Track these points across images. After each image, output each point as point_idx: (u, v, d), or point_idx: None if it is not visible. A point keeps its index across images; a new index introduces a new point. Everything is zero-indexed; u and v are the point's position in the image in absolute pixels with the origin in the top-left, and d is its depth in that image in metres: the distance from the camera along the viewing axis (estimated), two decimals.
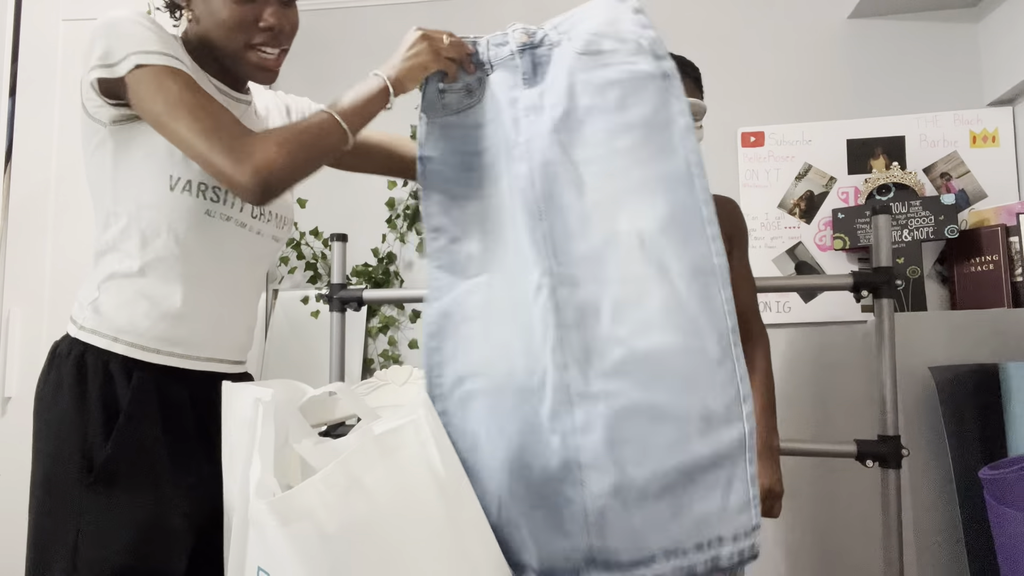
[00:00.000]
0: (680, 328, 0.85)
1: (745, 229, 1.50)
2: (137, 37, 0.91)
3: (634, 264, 0.87)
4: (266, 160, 0.85)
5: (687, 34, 2.31)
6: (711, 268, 0.87)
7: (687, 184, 0.91)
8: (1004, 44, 2.00)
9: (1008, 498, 1.38)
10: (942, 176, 2.11)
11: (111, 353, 0.94)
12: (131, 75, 0.89)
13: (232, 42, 0.98)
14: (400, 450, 0.71)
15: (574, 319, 0.87)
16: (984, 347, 1.72)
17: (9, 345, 2.03)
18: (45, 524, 0.93)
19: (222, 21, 0.96)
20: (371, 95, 0.96)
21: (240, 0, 0.96)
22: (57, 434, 0.93)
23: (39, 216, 2.05)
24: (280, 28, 0.99)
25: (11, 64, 2.09)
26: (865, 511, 2.09)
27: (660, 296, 0.86)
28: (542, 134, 0.93)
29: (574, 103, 0.93)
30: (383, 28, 2.48)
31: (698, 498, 0.81)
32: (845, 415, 2.13)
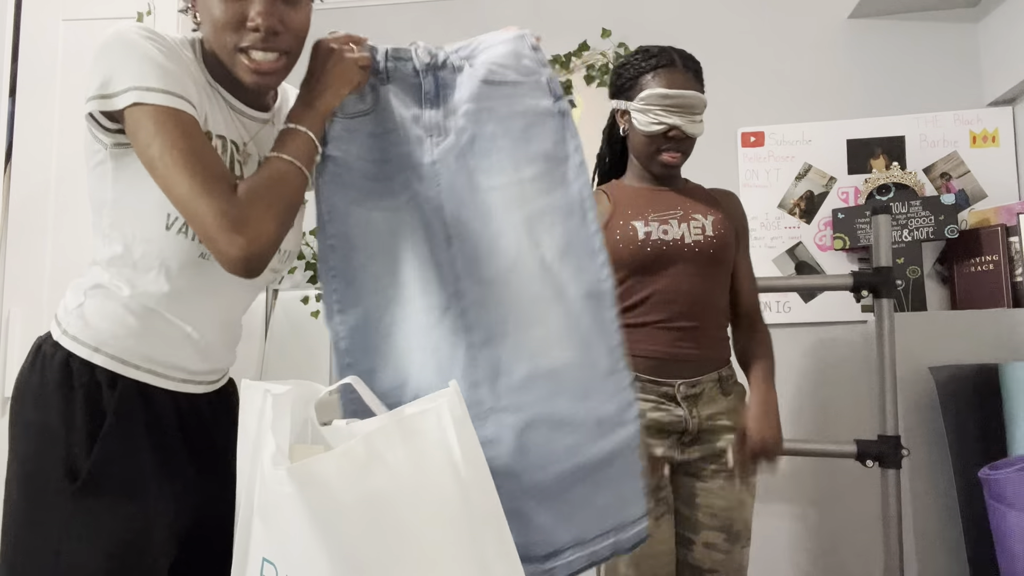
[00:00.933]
0: (576, 345, 0.95)
1: (747, 224, 1.50)
2: (138, 67, 0.84)
3: (536, 287, 0.95)
4: (259, 232, 0.82)
5: (687, 34, 2.31)
6: (601, 292, 0.97)
7: (580, 215, 0.99)
8: (1004, 44, 2.00)
9: (1008, 498, 1.38)
10: (942, 176, 2.11)
11: (92, 363, 0.92)
12: (129, 111, 0.84)
13: (222, 45, 0.89)
14: (422, 434, 0.72)
15: (482, 339, 0.94)
16: (984, 347, 1.72)
17: (9, 345, 2.03)
18: (24, 530, 0.89)
19: (214, 21, 0.87)
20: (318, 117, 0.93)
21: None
22: (39, 438, 0.90)
23: (39, 216, 2.05)
24: (270, 28, 0.87)
25: (11, 64, 2.09)
26: (865, 511, 2.09)
27: (559, 316, 0.95)
28: (450, 158, 0.97)
29: (481, 129, 0.98)
30: (383, 28, 2.48)
31: (598, 493, 0.92)
32: (845, 415, 2.13)
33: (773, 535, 2.12)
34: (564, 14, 2.40)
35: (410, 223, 0.97)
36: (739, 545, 1.34)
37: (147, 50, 0.84)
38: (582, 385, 0.95)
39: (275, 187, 0.87)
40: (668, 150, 1.35)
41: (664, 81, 1.34)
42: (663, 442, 1.32)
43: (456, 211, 0.96)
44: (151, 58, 0.84)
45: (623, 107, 1.41)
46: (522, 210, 0.96)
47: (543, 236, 0.96)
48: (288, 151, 0.89)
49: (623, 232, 1.34)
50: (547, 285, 0.95)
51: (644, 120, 1.35)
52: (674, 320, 1.32)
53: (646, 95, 1.34)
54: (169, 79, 0.84)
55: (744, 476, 1.33)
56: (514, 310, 0.95)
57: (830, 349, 2.15)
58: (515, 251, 0.96)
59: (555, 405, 0.94)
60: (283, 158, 0.88)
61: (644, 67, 1.38)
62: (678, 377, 1.32)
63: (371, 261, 0.98)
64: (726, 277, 1.41)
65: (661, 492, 1.32)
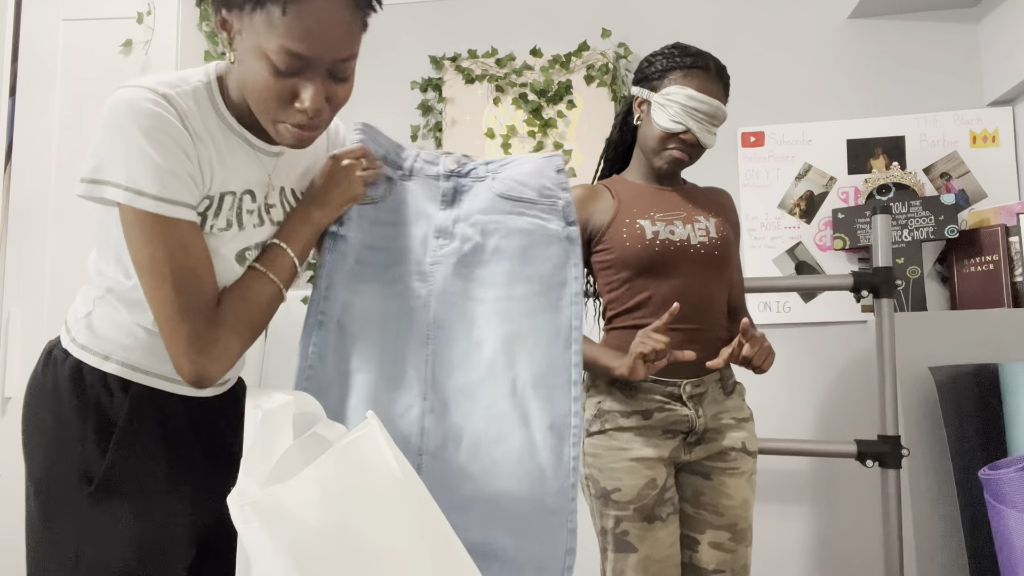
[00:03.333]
0: (528, 477, 0.92)
1: (739, 220, 1.52)
2: (129, 164, 0.80)
3: (502, 406, 0.94)
4: (222, 355, 0.86)
5: (687, 34, 2.31)
6: (567, 426, 0.94)
7: (566, 344, 0.97)
8: (1004, 44, 2.01)
9: (1008, 498, 1.38)
10: (942, 176, 2.11)
11: (102, 371, 0.93)
12: (122, 208, 0.82)
13: (262, 111, 0.85)
14: (364, 455, 0.73)
15: (435, 447, 0.93)
16: (984, 347, 1.72)
17: (9, 345, 2.03)
18: (45, 534, 0.91)
19: (257, 88, 0.82)
20: (306, 237, 0.96)
21: (277, 74, 0.81)
22: (53, 441, 0.91)
23: (39, 216, 2.05)
24: (318, 111, 0.84)
25: (11, 64, 2.09)
26: (865, 511, 2.09)
27: (518, 442, 0.93)
28: (449, 262, 0.98)
29: (486, 240, 0.99)
30: (383, 28, 2.48)
31: None
32: (845, 415, 2.13)
33: (773, 535, 2.12)
34: (564, 14, 2.40)
35: (396, 315, 0.97)
36: (744, 544, 1.34)
37: (142, 146, 0.80)
38: (523, 520, 0.92)
39: (249, 308, 0.90)
40: (678, 149, 1.34)
41: (695, 84, 1.32)
42: (670, 442, 1.32)
43: (442, 314, 0.97)
44: (146, 156, 0.80)
45: (644, 96, 1.39)
46: (506, 326, 0.96)
47: (521, 356, 0.95)
48: (273, 269, 0.92)
49: (630, 230, 1.33)
50: (514, 407, 0.94)
51: (663, 116, 1.33)
52: (678, 321, 1.31)
53: (672, 91, 1.32)
54: (164, 182, 0.81)
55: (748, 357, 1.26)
56: (472, 425, 0.94)
57: (830, 349, 2.15)
58: (489, 366, 0.95)
59: (490, 536, 0.91)
60: (267, 276, 0.92)
61: (678, 63, 1.34)
62: (682, 377, 1.32)
63: (353, 347, 0.97)
64: (727, 278, 1.40)
65: (667, 493, 1.32)
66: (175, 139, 0.82)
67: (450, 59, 2.42)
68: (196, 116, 0.87)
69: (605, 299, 1.40)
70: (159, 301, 0.84)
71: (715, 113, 1.33)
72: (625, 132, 1.48)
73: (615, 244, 1.34)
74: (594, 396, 1.37)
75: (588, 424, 1.36)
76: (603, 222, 1.36)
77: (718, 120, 1.34)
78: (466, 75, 2.39)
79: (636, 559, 1.30)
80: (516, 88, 2.38)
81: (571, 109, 2.34)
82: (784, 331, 2.16)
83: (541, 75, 2.35)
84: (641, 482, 1.29)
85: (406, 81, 2.46)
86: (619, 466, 1.30)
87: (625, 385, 1.33)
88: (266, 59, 0.80)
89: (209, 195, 0.89)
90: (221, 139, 0.91)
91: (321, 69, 0.82)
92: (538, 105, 2.34)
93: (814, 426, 2.14)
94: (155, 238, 0.82)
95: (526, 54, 2.39)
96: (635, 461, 1.30)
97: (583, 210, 1.38)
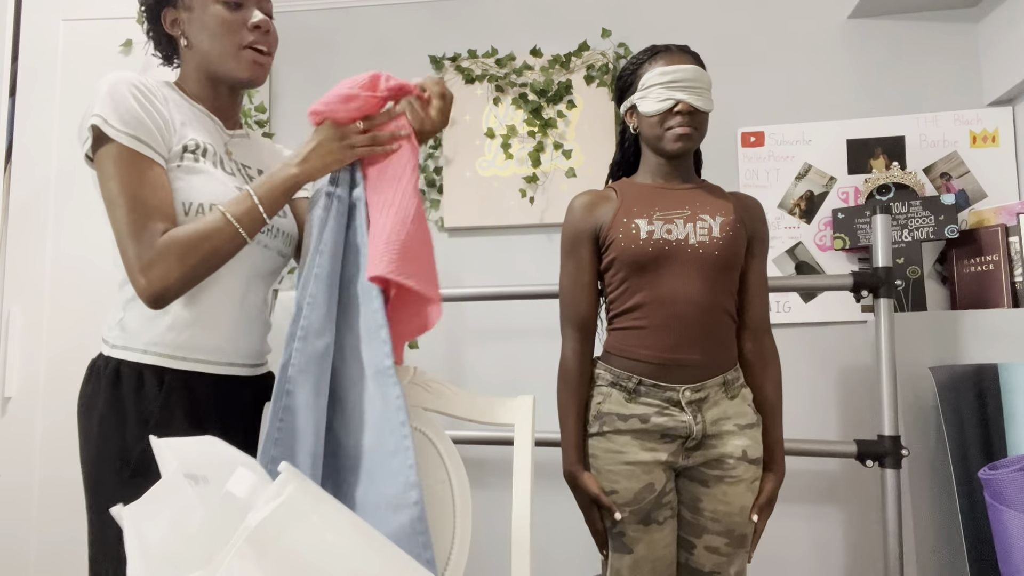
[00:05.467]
0: (368, 425, 1.01)
1: (766, 234, 1.43)
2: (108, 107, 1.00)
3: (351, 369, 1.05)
4: (162, 277, 0.97)
5: (687, 34, 2.32)
6: (385, 368, 1.02)
7: (368, 298, 1.05)
8: (1004, 44, 2.01)
9: (1008, 498, 1.38)
10: (942, 176, 2.11)
11: (142, 364, 1.04)
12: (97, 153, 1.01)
13: (227, 47, 1.11)
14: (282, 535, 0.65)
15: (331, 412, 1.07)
16: (984, 347, 1.72)
17: (9, 345, 2.03)
18: (96, 516, 1.02)
19: (215, 29, 1.10)
20: (276, 189, 1.05)
21: (230, 7, 1.10)
22: (97, 438, 1.02)
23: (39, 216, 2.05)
24: (267, 27, 1.13)
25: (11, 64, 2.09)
26: (865, 511, 2.09)
27: (359, 395, 1.02)
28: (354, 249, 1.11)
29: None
30: (383, 28, 2.48)
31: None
32: (845, 415, 2.13)
33: (773, 535, 2.12)
34: (564, 14, 2.40)
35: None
36: (741, 549, 1.33)
37: (123, 97, 1.01)
38: (371, 466, 0.99)
39: (198, 241, 0.99)
40: (678, 124, 1.33)
41: (663, 61, 1.34)
42: (667, 447, 1.31)
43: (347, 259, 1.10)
44: (123, 102, 1.01)
45: (629, 103, 1.40)
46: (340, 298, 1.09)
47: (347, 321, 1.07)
48: (232, 210, 1.02)
49: (625, 230, 1.33)
50: (354, 366, 1.04)
51: (649, 103, 1.33)
52: (675, 323, 1.30)
53: (647, 79, 1.34)
54: (134, 123, 1.01)
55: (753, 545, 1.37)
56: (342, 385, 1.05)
57: (830, 349, 2.15)
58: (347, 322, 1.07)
59: (349, 486, 1.01)
60: (224, 217, 1.01)
61: (642, 58, 1.38)
62: (682, 382, 1.30)
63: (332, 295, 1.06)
64: (731, 281, 1.36)
65: (665, 497, 1.31)
66: (149, 98, 1.04)
67: (450, 59, 2.42)
68: (163, 93, 1.09)
69: (607, 299, 1.40)
70: (115, 224, 0.99)
71: (696, 76, 1.32)
72: (626, 149, 1.48)
73: (613, 244, 1.34)
74: (594, 397, 1.36)
75: (588, 425, 1.36)
76: (606, 223, 1.36)
77: (702, 83, 1.33)
78: (466, 75, 2.39)
79: (632, 560, 1.30)
80: (516, 88, 2.38)
81: (571, 109, 2.34)
82: (784, 331, 2.16)
83: (541, 75, 2.35)
84: (638, 485, 1.29)
85: None
86: (616, 469, 1.30)
87: (624, 388, 1.33)
88: (219, 4, 1.10)
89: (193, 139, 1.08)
90: (185, 109, 1.12)
91: (254, 5, 1.13)
92: (538, 105, 2.34)
93: (814, 426, 2.14)
94: (119, 168, 0.99)
95: (526, 54, 2.39)
96: (632, 465, 1.30)
97: (590, 215, 1.38)
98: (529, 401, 1.14)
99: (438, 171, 2.42)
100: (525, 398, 1.14)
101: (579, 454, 1.35)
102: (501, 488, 2.30)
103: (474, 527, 2.29)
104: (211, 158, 1.10)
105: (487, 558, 2.26)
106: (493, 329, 2.33)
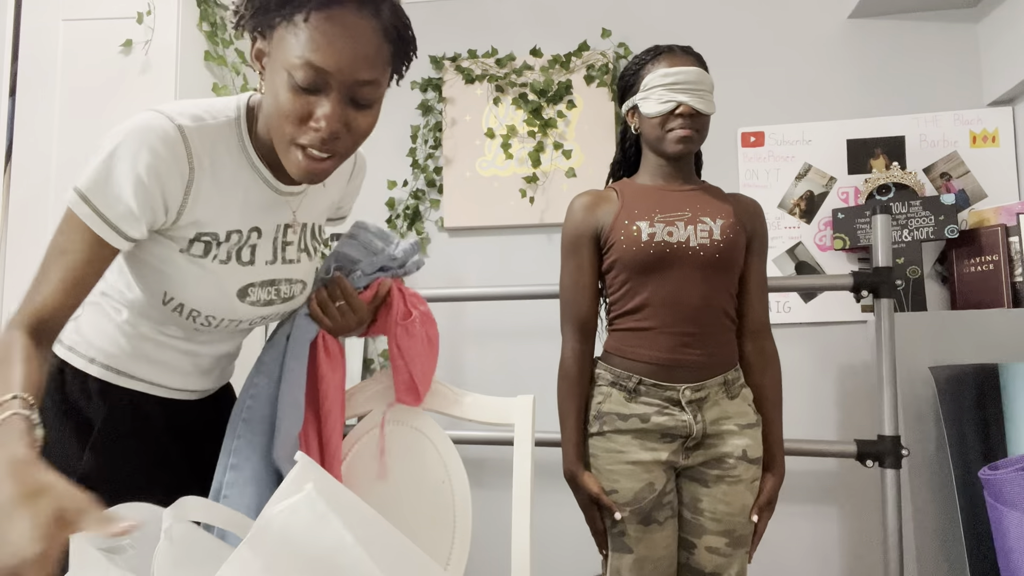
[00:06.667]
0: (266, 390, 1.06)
1: (765, 235, 1.43)
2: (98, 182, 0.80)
3: None
4: None
5: (687, 34, 2.31)
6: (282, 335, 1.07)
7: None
8: (1004, 44, 2.00)
9: (1008, 498, 1.38)
10: (942, 176, 2.11)
11: (86, 373, 0.94)
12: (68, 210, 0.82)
13: (280, 133, 0.82)
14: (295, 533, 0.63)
15: None
16: (984, 347, 1.72)
17: None
18: None
19: (276, 106, 0.81)
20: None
21: (296, 90, 0.79)
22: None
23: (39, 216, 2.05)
24: (332, 134, 0.81)
25: (11, 64, 2.09)
26: (865, 511, 2.09)
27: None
28: None
29: None
30: None
31: None
32: (845, 415, 2.13)
33: (773, 535, 2.12)
34: (564, 14, 2.40)
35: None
36: (742, 549, 1.33)
37: (124, 176, 0.80)
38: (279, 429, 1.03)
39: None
40: (679, 127, 1.33)
41: (666, 63, 1.34)
42: (668, 447, 1.31)
43: None
44: (119, 184, 0.80)
45: (631, 103, 1.40)
46: None
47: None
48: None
49: (627, 232, 1.33)
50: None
51: (651, 105, 1.33)
52: (677, 325, 1.30)
53: (649, 80, 1.34)
54: (118, 211, 0.81)
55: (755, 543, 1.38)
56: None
57: (830, 349, 2.15)
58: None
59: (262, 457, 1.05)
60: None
61: (645, 59, 1.38)
62: (682, 382, 1.31)
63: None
64: (732, 282, 1.36)
65: (666, 497, 1.31)
66: (163, 178, 0.82)
67: (450, 59, 2.42)
68: (208, 151, 0.86)
69: (608, 300, 1.40)
70: (35, 274, 0.81)
71: (697, 79, 1.32)
72: (627, 149, 1.48)
73: (614, 246, 1.34)
74: (595, 397, 1.36)
75: (589, 425, 1.36)
76: (607, 225, 1.36)
77: (704, 86, 1.33)
78: (466, 75, 2.39)
79: (632, 559, 1.30)
80: (516, 88, 2.38)
81: (571, 109, 2.34)
82: (784, 331, 2.16)
83: (541, 75, 2.35)
84: (638, 485, 1.29)
85: (406, 81, 2.46)
86: (616, 468, 1.30)
87: (624, 388, 1.33)
88: (287, 75, 0.79)
89: (213, 231, 0.90)
90: (236, 177, 0.90)
91: (342, 90, 0.80)
92: (538, 105, 2.34)
93: (814, 426, 2.14)
94: (71, 237, 0.81)
95: (526, 54, 2.39)
96: (632, 464, 1.30)
97: (590, 216, 1.38)
98: (529, 401, 1.14)
99: (438, 171, 2.42)
100: (525, 398, 1.14)
101: (579, 454, 1.35)
102: (501, 488, 2.30)
103: (474, 527, 2.29)
104: (232, 247, 0.92)
105: (487, 558, 2.26)
106: (493, 329, 2.33)
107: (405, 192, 2.44)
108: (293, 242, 0.99)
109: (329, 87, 0.79)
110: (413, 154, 2.43)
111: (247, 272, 0.93)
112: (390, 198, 2.42)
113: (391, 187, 2.43)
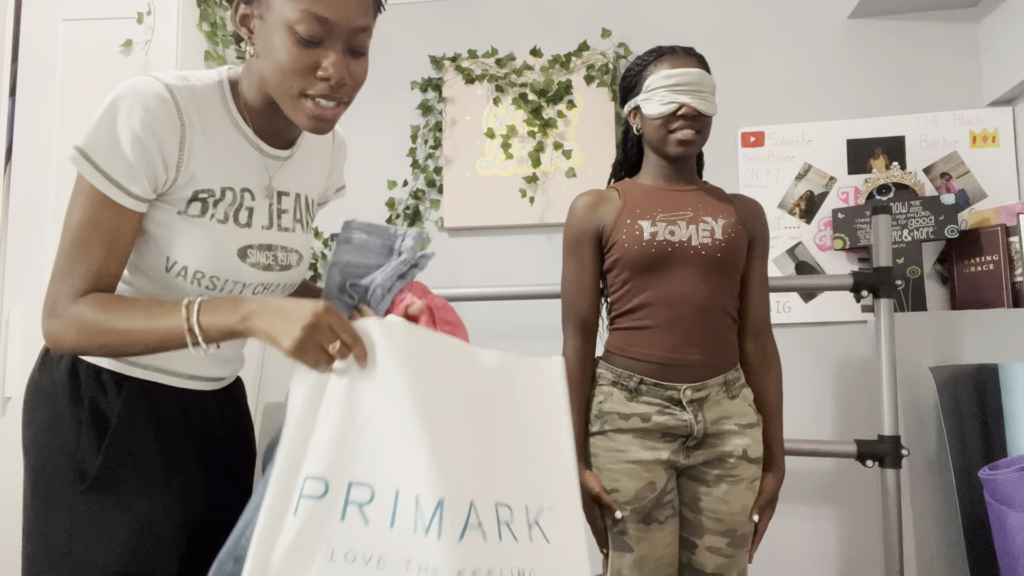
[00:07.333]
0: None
1: (766, 234, 1.44)
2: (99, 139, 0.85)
3: None
4: (56, 339, 0.86)
5: (687, 34, 2.31)
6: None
7: None
8: (1004, 44, 2.01)
9: (1008, 498, 1.38)
10: (942, 176, 2.11)
11: (99, 366, 0.94)
12: (78, 177, 0.88)
13: (286, 88, 0.87)
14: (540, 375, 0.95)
15: None
16: (984, 347, 1.72)
17: (9, 345, 2.03)
18: (39, 530, 0.92)
19: (280, 63, 0.86)
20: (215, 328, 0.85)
21: (301, 43, 0.85)
22: (49, 439, 0.93)
23: (39, 216, 2.05)
24: (340, 80, 0.87)
25: (11, 64, 2.09)
26: (865, 511, 2.09)
27: None
28: None
29: None
30: (383, 28, 2.48)
31: None
32: (845, 415, 2.13)
33: (773, 535, 2.12)
34: (564, 14, 2.40)
35: None
36: (743, 549, 1.33)
37: (121, 131, 0.85)
38: None
39: (103, 333, 0.85)
40: (681, 128, 1.33)
41: (668, 64, 1.35)
42: (668, 446, 1.31)
43: None
44: (117, 139, 0.85)
45: (633, 104, 1.40)
46: None
47: None
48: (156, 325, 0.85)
49: (629, 232, 1.33)
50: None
51: (653, 106, 1.34)
52: (678, 324, 1.30)
53: (651, 81, 1.34)
54: (119, 167, 0.86)
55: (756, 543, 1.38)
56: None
57: (830, 349, 2.15)
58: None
59: None
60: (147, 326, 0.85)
61: (647, 59, 1.38)
62: (683, 381, 1.31)
63: None
64: (733, 282, 1.37)
65: (666, 496, 1.31)
66: (158, 133, 0.87)
67: (450, 59, 2.42)
68: (197, 109, 0.91)
69: (609, 300, 1.40)
70: (57, 250, 0.88)
71: (699, 80, 1.32)
72: (628, 149, 1.48)
73: (616, 246, 1.34)
74: (595, 396, 1.37)
75: (589, 424, 1.36)
76: (609, 224, 1.36)
77: (706, 87, 1.33)
78: (466, 75, 2.39)
79: (632, 559, 1.30)
80: (516, 88, 2.38)
81: (571, 109, 2.34)
82: (784, 331, 2.16)
83: (541, 75, 2.35)
84: (639, 484, 1.29)
85: (406, 81, 2.46)
86: (617, 467, 1.30)
87: (625, 387, 1.33)
88: (289, 30, 0.84)
89: (209, 188, 0.92)
90: (222, 135, 0.94)
91: (340, 39, 0.86)
92: (538, 105, 2.34)
93: (814, 426, 2.14)
94: (86, 208, 0.87)
95: (526, 54, 2.39)
96: (633, 464, 1.30)
97: (592, 215, 1.38)
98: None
99: (438, 171, 2.42)
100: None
101: (580, 453, 1.35)
102: None
103: None
104: (228, 206, 0.94)
105: None
106: (493, 329, 2.33)
107: (405, 192, 2.44)
108: (288, 211, 1.02)
109: (332, 36, 0.86)
110: (413, 154, 2.43)
111: (245, 233, 0.96)
112: (390, 198, 2.42)
113: (391, 187, 2.43)
